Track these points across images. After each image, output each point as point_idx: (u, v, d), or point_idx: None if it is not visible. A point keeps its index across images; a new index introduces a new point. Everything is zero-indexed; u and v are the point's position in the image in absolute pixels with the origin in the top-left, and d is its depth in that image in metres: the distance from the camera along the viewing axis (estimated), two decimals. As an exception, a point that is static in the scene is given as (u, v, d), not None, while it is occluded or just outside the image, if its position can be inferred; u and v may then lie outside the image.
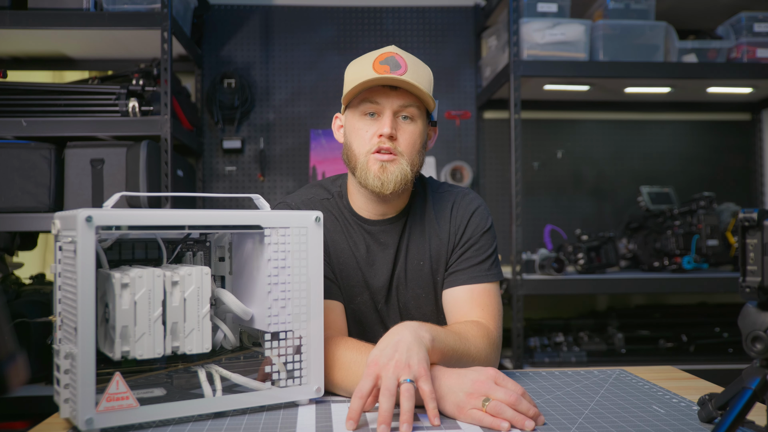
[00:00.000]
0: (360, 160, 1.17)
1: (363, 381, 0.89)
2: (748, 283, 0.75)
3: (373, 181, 1.15)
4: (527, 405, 0.88)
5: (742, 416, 0.71)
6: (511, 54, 2.39)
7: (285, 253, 0.97)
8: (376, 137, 1.16)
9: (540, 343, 2.59)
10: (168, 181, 2.16)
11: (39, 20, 2.18)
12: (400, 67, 1.14)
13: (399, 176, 1.15)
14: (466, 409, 0.89)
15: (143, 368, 0.91)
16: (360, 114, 1.18)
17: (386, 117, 1.15)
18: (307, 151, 2.91)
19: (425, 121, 1.21)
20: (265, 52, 2.92)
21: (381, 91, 1.15)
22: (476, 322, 1.14)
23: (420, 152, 1.20)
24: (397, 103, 1.15)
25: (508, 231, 2.45)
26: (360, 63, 1.18)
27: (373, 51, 1.19)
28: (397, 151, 1.16)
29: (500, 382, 0.91)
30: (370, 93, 1.16)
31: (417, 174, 1.22)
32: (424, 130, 1.21)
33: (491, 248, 1.25)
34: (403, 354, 0.90)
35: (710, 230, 2.48)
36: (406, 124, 1.17)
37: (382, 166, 1.15)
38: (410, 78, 1.13)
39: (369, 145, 1.16)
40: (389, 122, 1.15)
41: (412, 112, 1.17)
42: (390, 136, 1.15)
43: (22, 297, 2.16)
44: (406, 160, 1.16)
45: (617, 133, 3.07)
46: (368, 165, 1.16)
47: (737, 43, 2.55)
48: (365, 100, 1.17)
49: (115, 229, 0.87)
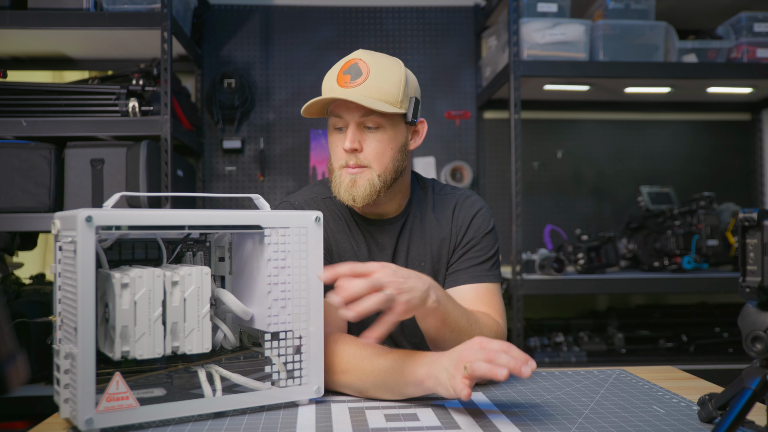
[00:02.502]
0: (335, 173, 1.18)
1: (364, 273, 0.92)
2: (748, 283, 0.75)
3: (344, 194, 1.17)
4: (506, 358, 0.86)
5: (742, 416, 0.71)
6: (511, 54, 2.39)
7: (285, 253, 0.97)
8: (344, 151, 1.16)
9: (540, 343, 2.59)
10: (168, 181, 2.16)
11: (39, 20, 2.18)
12: (361, 74, 1.13)
13: (368, 189, 1.15)
14: (455, 380, 0.88)
15: (143, 368, 0.91)
16: (332, 128, 1.19)
17: (349, 131, 1.15)
18: (307, 151, 2.91)
19: (397, 124, 1.18)
20: (265, 52, 2.92)
21: (342, 104, 1.14)
22: (485, 314, 1.15)
23: (394, 158, 1.17)
24: (357, 114, 1.14)
25: (508, 231, 2.45)
26: (331, 72, 1.18)
27: (346, 57, 1.18)
28: (365, 163, 1.15)
29: (484, 344, 0.90)
30: (334, 106, 1.16)
31: (394, 180, 1.19)
32: (395, 135, 1.17)
33: (493, 250, 1.26)
34: (409, 282, 0.93)
35: (710, 230, 2.48)
36: (372, 134, 1.16)
37: (351, 180, 1.16)
38: (368, 90, 1.11)
39: (341, 159, 1.17)
40: (351, 136, 1.14)
41: (377, 121, 1.15)
42: (353, 150, 1.15)
43: (22, 297, 2.16)
44: (374, 171, 1.16)
45: (617, 133, 3.07)
46: (341, 178, 1.17)
47: (737, 43, 2.55)
48: (332, 113, 1.17)
49: (115, 229, 0.87)
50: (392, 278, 0.91)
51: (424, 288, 0.96)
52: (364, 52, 1.18)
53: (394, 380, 0.97)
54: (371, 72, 1.13)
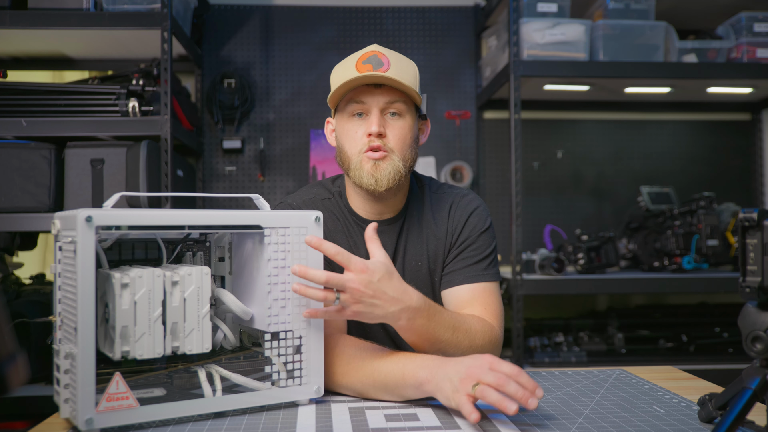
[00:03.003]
0: (353, 160, 1.18)
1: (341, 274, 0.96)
2: (748, 283, 0.75)
3: (367, 179, 1.16)
4: (515, 387, 0.86)
5: (742, 416, 0.71)
6: (511, 54, 2.39)
7: (285, 253, 0.97)
8: (365, 136, 1.16)
9: (540, 343, 2.59)
10: (168, 181, 2.16)
11: (39, 20, 2.18)
12: (383, 64, 1.14)
13: (392, 172, 1.16)
14: (459, 394, 0.89)
15: (143, 368, 0.91)
16: (348, 115, 1.19)
17: (373, 115, 1.16)
18: (307, 151, 2.91)
19: (414, 115, 1.21)
20: (265, 52, 2.92)
21: (366, 90, 1.16)
22: (481, 319, 1.14)
23: (411, 147, 1.20)
24: (383, 100, 1.16)
25: (508, 231, 2.45)
26: (344, 65, 1.19)
27: (356, 52, 1.19)
28: (388, 148, 1.16)
29: (495, 366, 0.89)
30: (355, 93, 1.17)
31: (411, 169, 1.22)
32: (413, 125, 1.21)
33: (489, 248, 1.25)
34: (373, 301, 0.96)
35: (710, 230, 2.48)
36: (394, 121, 1.18)
37: (374, 164, 1.16)
38: (393, 74, 1.13)
39: (360, 144, 1.17)
40: (377, 120, 1.15)
41: (400, 108, 1.17)
42: (379, 134, 1.15)
43: (22, 297, 2.16)
44: (397, 156, 1.17)
45: (617, 133, 3.07)
46: (361, 164, 1.16)
47: (737, 43, 2.55)
48: (351, 100, 1.17)
49: (115, 229, 0.87)
50: (357, 286, 0.94)
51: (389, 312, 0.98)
52: (379, 46, 1.19)
53: (394, 382, 0.97)
54: (392, 63, 1.15)
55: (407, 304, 0.99)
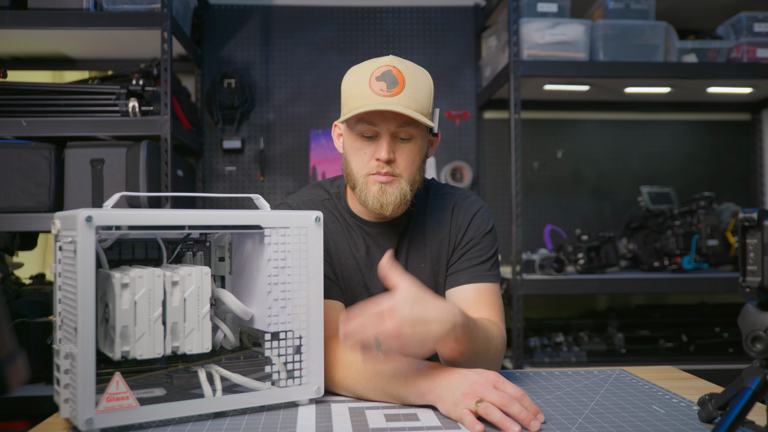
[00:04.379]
0: (359, 180, 1.16)
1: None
2: (748, 283, 0.75)
3: (372, 202, 1.15)
4: (519, 408, 0.86)
5: (742, 416, 0.71)
6: (511, 54, 2.39)
7: (285, 253, 0.97)
8: (374, 160, 1.14)
9: (540, 343, 2.59)
10: (168, 181, 2.16)
11: (39, 20, 2.18)
12: (397, 83, 1.10)
13: (398, 198, 1.14)
14: (459, 407, 0.89)
15: (143, 368, 0.91)
16: (357, 134, 1.15)
17: (383, 141, 1.12)
18: (307, 151, 2.91)
19: (425, 135, 1.18)
20: (265, 52, 2.92)
21: (378, 113, 1.11)
22: (494, 323, 1.13)
23: (420, 168, 1.18)
24: (394, 124, 1.12)
25: (508, 231, 2.45)
26: (356, 76, 1.14)
27: (372, 60, 1.15)
28: (396, 173, 1.14)
29: (499, 385, 0.90)
30: (367, 114, 1.12)
31: (417, 189, 1.20)
32: (423, 146, 1.18)
33: (492, 250, 1.25)
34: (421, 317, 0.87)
35: (710, 230, 2.48)
36: (404, 145, 1.14)
37: (381, 188, 1.14)
38: (406, 100, 1.09)
39: (368, 167, 1.15)
40: (386, 146, 1.12)
41: (411, 132, 1.14)
42: (388, 161, 1.13)
43: (22, 297, 2.16)
44: (405, 180, 1.15)
45: (617, 133, 3.07)
46: (367, 186, 1.15)
47: (737, 43, 2.55)
48: (362, 120, 1.13)
49: (115, 229, 0.87)
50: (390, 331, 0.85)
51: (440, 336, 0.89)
52: (395, 59, 1.15)
53: (395, 389, 0.97)
54: (407, 82, 1.11)
55: (453, 321, 0.90)
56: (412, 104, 1.10)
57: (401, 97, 1.09)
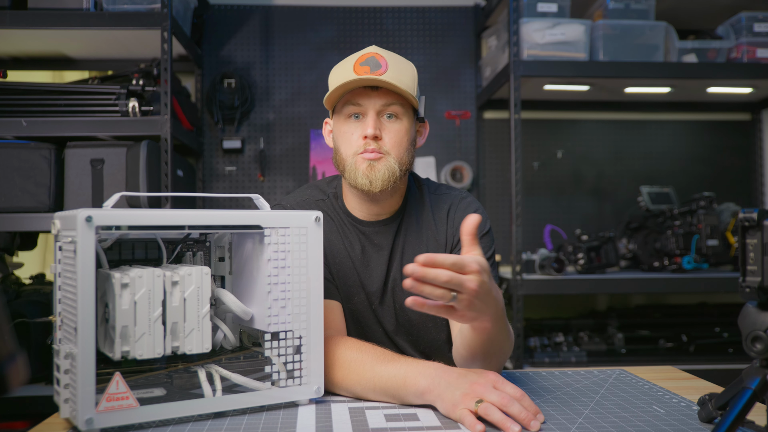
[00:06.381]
0: (348, 161, 1.18)
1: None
2: (748, 283, 0.75)
3: (361, 179, 1.16)
4: (518, 408, 0.87)
5: (742, 416, 0.71)
6: (511, 54, 2.39)
7: (285, 253, 0.97)
8: (361, 139, 1.16)
9: (540, 343, 2.59)
10: (168, 181, 2.16)
11: (39, 20, 2.18)
12: (381, 66, 1.14)
13: (387, 174, 1.16)
14: (458, 408, 0.89)
15: (143, 368, 0.91)
16: (345, 117, 1.19)
17: (369, 118, 1.16)
18: (307, 151, 2.91)
19: (411, 118, 1.21)
20: (265, 52, 2.92)
21: (363, 92, 1.16)
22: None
23: (408, 150, 1.20)
24: (380, 102, 1.16)
25: (508, 231, 2.45)
26: (341, 66, 1.19)
27: (355, 53, 1.19)
28: (384, 150, 1.16)
29: (499, 386, 0.90)
30: (352, 95, 1.17)
31: (407, 172, 1.22)
32: (410, 128, 1.21)
33: (489, 251, 1.25)
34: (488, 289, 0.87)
35: (710, 230, 2.48)
36: (390, 123, 1.18)
37: (369, 165, 1.15)
38: (390, 77, 1.13)
39: (355, 146, 1.17)
40: (372, 123, 1.15)
41: (396, 111, 1.17)
42: (374, 137, 1.15)
43: (22, 297, 2.16)
44: (393, 158, 1.17)
45: (617, 133, 3.07)
46: (356, 165, 1.17)
47: (737, 43, 2.55)
48: (348, 102, 1.17)
49: (115, 229, 0.87)
50: (475, 287, 0.84)
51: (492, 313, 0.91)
52: (378, 48, 1.19)
53: (395, 388, 0.97)
54: (390, 65, 1.15)
55: (501, 303, 0.95)
56: (396, 83, 1.14)
57: (385, 77, 1.13)
